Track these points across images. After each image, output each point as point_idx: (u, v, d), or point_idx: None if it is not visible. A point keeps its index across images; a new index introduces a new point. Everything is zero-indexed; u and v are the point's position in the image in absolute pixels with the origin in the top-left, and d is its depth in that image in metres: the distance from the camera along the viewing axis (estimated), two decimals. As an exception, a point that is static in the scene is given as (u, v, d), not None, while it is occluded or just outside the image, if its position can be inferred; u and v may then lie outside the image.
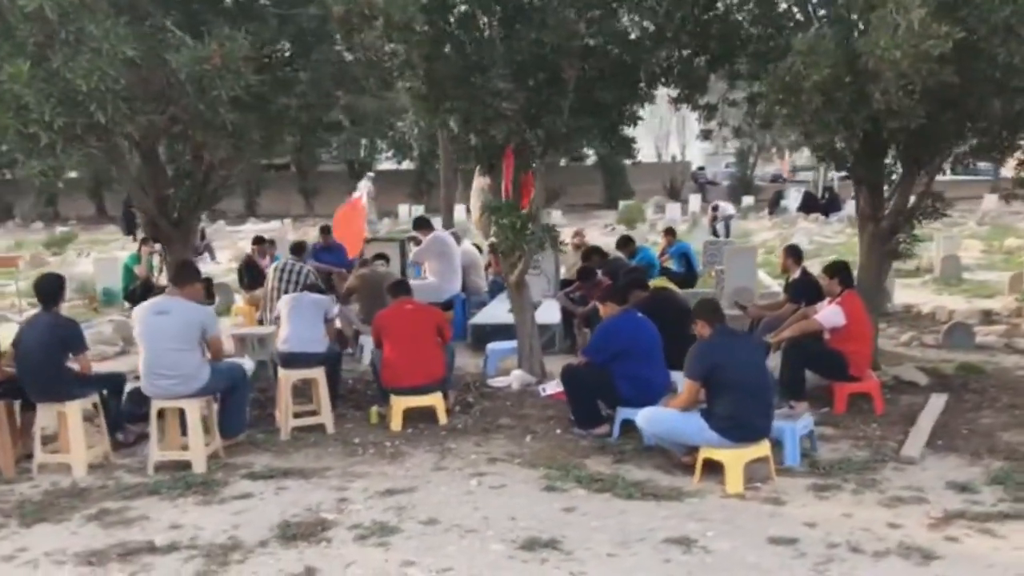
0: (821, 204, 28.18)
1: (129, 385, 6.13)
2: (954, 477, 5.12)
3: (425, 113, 7.30)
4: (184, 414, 5.55)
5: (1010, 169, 7.17)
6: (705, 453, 5.03)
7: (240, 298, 11.48)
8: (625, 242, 10.59)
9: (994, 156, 6.60)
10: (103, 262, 14.11)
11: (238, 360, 6.80)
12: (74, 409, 5.49)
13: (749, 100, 7.51)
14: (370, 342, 7.14)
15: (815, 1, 6.88)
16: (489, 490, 5.03)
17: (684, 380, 5.20)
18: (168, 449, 5.64)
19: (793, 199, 30.17)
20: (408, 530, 4.42)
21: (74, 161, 5.74)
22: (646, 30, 7.03)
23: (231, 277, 13.68)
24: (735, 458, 4.93)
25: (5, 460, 5.55)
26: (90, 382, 5.74)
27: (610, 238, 15.56)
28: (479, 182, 8.03)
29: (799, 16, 6.92)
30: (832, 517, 4.55)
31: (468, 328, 9.23)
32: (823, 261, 10.48)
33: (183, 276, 5.77)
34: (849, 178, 8.49)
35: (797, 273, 7.83)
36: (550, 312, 9.21)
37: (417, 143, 34.62)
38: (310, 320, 6.61)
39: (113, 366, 7.94)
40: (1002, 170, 7.25)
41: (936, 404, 6.39)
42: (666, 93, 7.77)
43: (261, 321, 8.92)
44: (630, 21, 7.07)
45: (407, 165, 38.58)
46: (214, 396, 5.82)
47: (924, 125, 6.11)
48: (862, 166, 7.17)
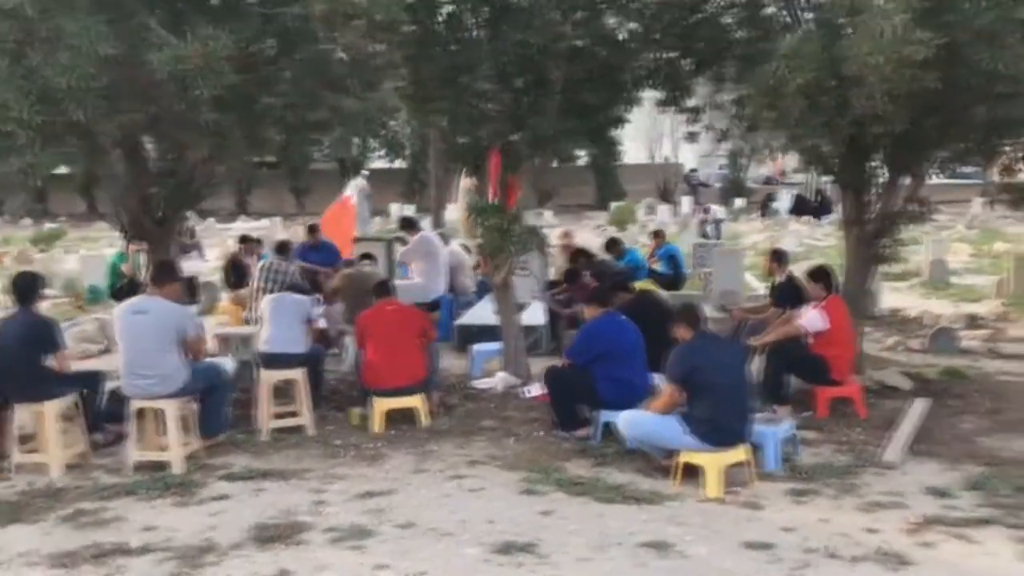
0: (812, 207, 28.23)
1: (111, 384, 6.10)
2: (933, 482, 5.12)
3: (413, 112, 7.29)
4: (163, 414, 5.51)
5: (995, 174, 7.19)
6: (684, 457, 5.02)
7: (226, 297, 11.42)
8: (612, 244, 10.60)
9: (978, 161, 6.60)
10: (90, 259, 14.05)
11: (220, 360, 6.76)
12: (51, 408, 5.45)
13: (736, 103, 7.51)
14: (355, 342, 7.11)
15: (802, 5, 6.89)
16: (468, 493, 5.01)
17: (664, 383, 5.20)
18: (147, 449, 5.60)
19: (784, 201, 30.22)
20: (384, 533, 4.40)
21: (54, 159, 5.71)
22: (632, 32, 7.04)
23: (220, 276, 13.61)
24: (714, 462, 4.93)
25: (-19, 460, 5.51)
26: (68, 381, 5.70)
27: (601, 239, 15.53)
28: (465, 183, 8.02)
29: (786, 19, 6.93)
30: (810, 522, 4.54)
31: (454, 329, 9.20)
32: (813, 264, 10.49)
33: (162, 276, 5.75)
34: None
35: (782, 277, 7.84)
36: (537, 313, 9.18)
37: (409, 142, 34.59)
38: (292, 321, 6.58)
39: (97, 364, 7.88)
40: (991, 174, 7.23)
41: (918, 409, 6.39)
42: (653, 96, 7.78)
43: (248, 321, 8.87)
44: (616, 23, 7.07)
45: (399, 164, 38.54)
46: (194, 396, 5.79)
47: (908, 130, 6.13)
48: (847, 170, 7.18)
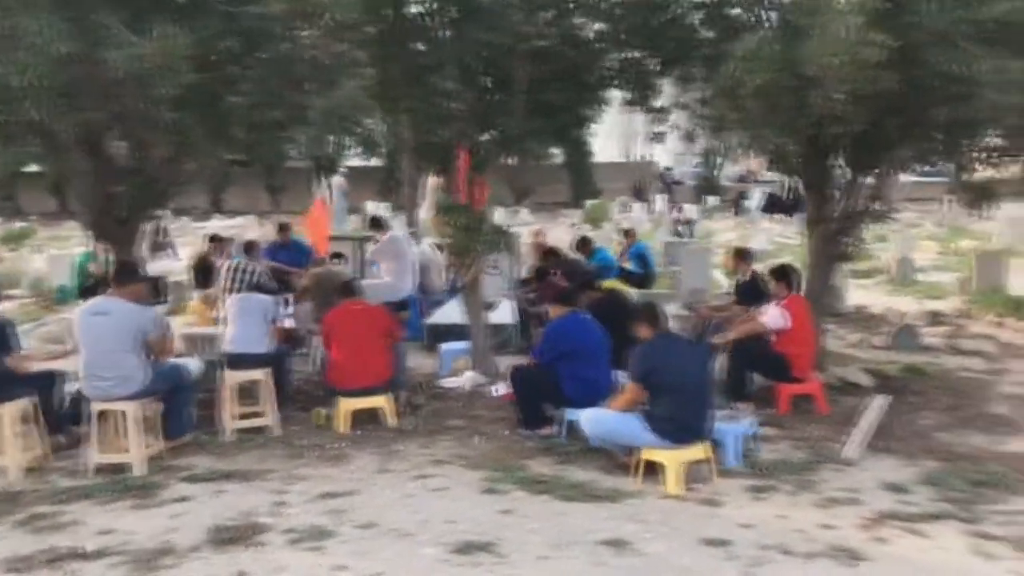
0: (785, 205, 28.42)
1: (73, 385, 6.03)
2: (890, 478, 5.20)
3: (382, 111, 7.28)
4: (125, 416, 5.47)
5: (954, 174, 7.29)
6: (645, 454, 5.06)
7: (196, 296, 11.33)
8: (583, 243, 10.63)
9: (936, 161, 6.70)
10: (58, 259, 13.88)
11: (185, 360, 6.71)
12: (8, 410, 5.39)
13: (700, 103, 7.56)
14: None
15: (765, 4, 6.94)
16: (430, 493, 5.02)
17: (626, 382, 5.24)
18: (108, 452, 5.55)
19: (757, 199, 30.41)
20: (344, 534, 4.40)
21: (15, 158, 5.64)
22: (598, 32, 7.06)
23: (189, 275, 13.49)
24: (674, 459, 4.97)
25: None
26: (25, 382, 5.63)
27: (574, 237, 15.56)
28: (432, 182, 8.02)
29: (751, 20, 6.98)
30: (767, 519, 4.60)
31: (424, 328, 9.20)
32: (777, 262, 10.57)
33: (123, 276, 5.71)
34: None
35: (746, 275, 7.91)
36: (506, 312, 9.20)
37: (385, 140, 34.41)
38: (256, 321, 6.55)
39: (63, 365, 7.78)
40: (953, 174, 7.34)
41: (877, 405, 6.48)
42: (620, 96, 7.81)
43: (217, 320, 8.81)
44: (582, 23, 7.09)
45: (376, 162, 38.32)
46: (156, 397, 5.75)
47: (868, 130, 6.20)
48: (810, 170, 7.25)
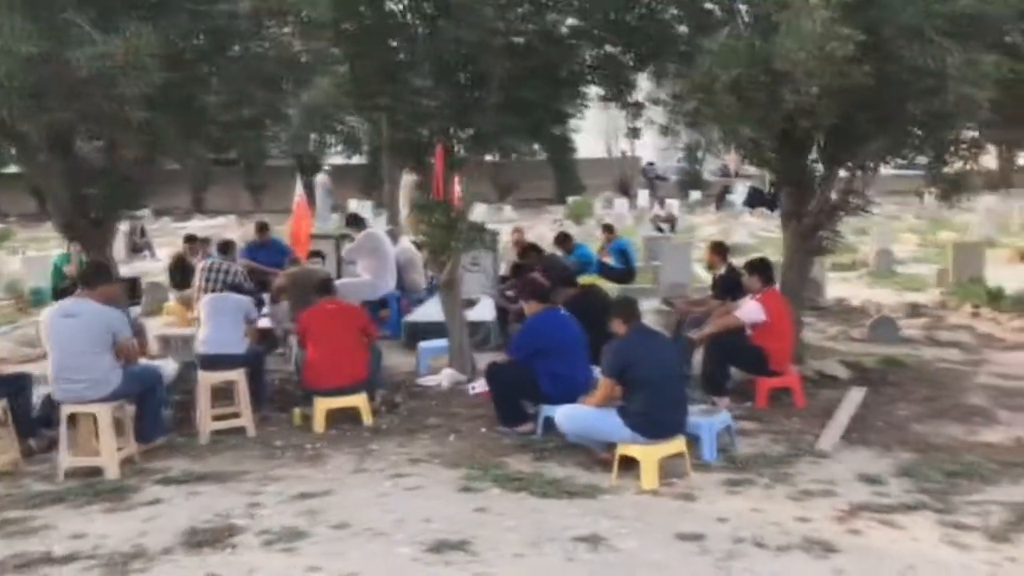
0: (767, 199, 28.51)
1: (45, 388, 5.97)
2: (865, 470, 5.22)
3: (357, 108, 7.24)
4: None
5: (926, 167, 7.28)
6: (621, 450, 5.06)
7: (173, 297, 11.25)
8: (563, 239, 10.64)
9: (910, 155, 6.73)
10: (34, 261, 13.75)
11: (159, 362, 6.67)
12: (-22, 416, 5.34)
13: (675, 98, 7.56)
14: (300, 342, 7.04)
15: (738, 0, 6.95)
16: (405, 492, 5.00)
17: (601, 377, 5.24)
18: (81, 455, 5.50)
19: (740, 194, 30.52)
20: (317, 535, 4.37)
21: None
22: (572, 27, 7.04)
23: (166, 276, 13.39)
24: (649, 454, 4.97)
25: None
26: (-6, 386, 5.58)
27: (556, 233, 15.56)
28: (408, 179, 7.99)
29: (724, 15, 6.98)
30: (742, 512, 4.61)
31: (403, 326, 9.17)
32: (753, 256, 10.60)
33: (94, 277, 5.64)
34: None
35: (723, 269, 7.93)
36: (485, 309, 9.19)
37: (367, 137, 34.23)
38: (230, 321, 6.50)
39: (37, 368, 7.70)
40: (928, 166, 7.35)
41: (854, 398, 6.51)
42: (597, 91, 7.80)
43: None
44: (556, 18, 7.07)
45: (357, 160, 38.15)
46: (129, 400, 5.70)
47: (841, 124, 6.22)
48: (784, 164, 7.27)
